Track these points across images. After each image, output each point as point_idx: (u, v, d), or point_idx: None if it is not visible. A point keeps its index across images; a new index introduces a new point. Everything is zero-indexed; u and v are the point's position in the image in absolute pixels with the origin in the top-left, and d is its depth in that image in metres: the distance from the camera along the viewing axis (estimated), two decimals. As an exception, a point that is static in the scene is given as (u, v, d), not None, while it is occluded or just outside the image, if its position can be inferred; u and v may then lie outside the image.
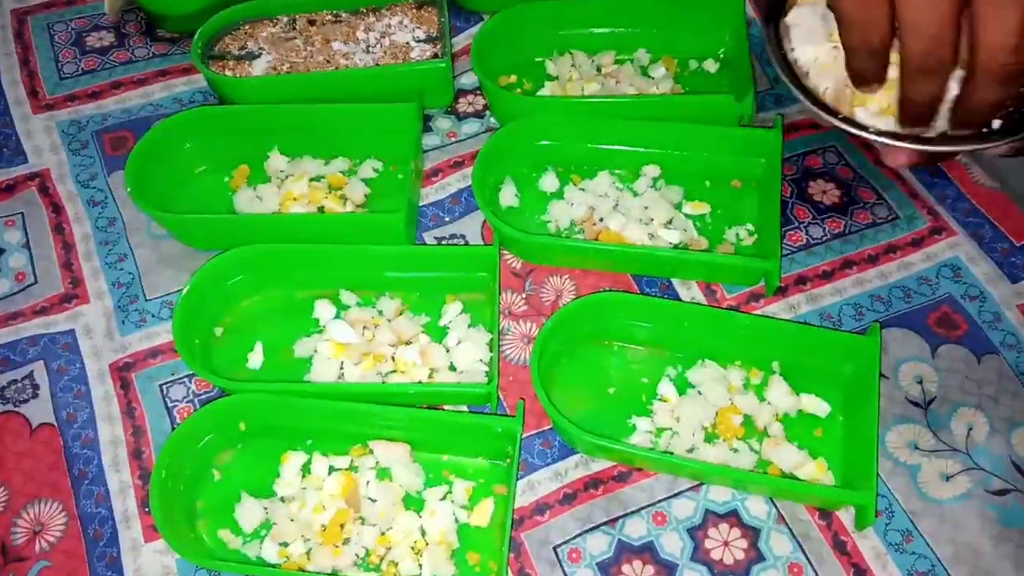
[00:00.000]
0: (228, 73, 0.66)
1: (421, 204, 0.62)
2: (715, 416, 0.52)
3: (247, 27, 0.69)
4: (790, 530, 0.49)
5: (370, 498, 0.50)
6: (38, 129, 0.67)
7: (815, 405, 0.52)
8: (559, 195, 0.61)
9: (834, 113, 0.47)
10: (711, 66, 0.67)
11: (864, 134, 0.46)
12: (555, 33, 0.67)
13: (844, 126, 0.46)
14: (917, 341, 0.55)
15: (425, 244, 0.60)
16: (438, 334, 0.55)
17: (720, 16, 0.66)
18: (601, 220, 0.59)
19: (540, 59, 0.67)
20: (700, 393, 0.53)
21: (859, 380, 0.52)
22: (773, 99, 0.67)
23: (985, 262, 0.59)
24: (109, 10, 0.73)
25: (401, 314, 0.56)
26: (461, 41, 0.70)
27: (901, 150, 0.46)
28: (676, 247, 0.57)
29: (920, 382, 0.54)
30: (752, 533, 0.49)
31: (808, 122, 0.65)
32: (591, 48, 0.67)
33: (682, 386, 0.53)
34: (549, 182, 0.61)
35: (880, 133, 0.46)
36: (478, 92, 0.67)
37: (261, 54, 0.67)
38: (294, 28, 0.69)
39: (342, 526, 0.48)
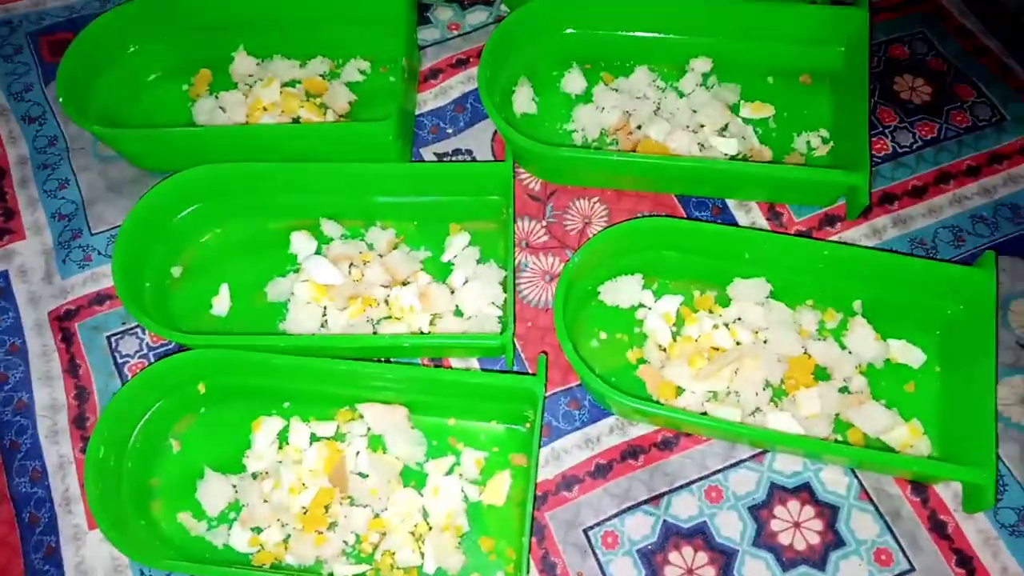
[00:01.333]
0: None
1: (417, 113, 0.51)
2: (784, 369, 0.42)
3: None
4: (876, 508, 0.40)
5: (360, 473, 0.41)
6: (-38, 30, 0.56)
7: (907, 353, 0.43)
8: (587, 98, 0.51)
9: None
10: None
11: None
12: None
13: None
14: (1031, 272, 0.45)
15: (423, 161, 0.50)
16: (441, 272, 0.46)
17: None
18: (639, 128, 0.49)
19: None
20: (765, 341, 0.43)
21: (965, 323, 0.42)
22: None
23: (1114, 172, 0.47)
24: None
25: (396, 248, 0.47)
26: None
27: None
28: (733, 159, 0.47)
29: (1036, 323, 0.44)
30: (829, 512, 0.40)
31: (889, 3, 0.53)
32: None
33: (741, 334, 0.43)
34: (574, 82, 0.50)
35: None
36: (485, -26, 0.56)
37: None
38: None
39: (326, 508, 0.40)
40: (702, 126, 0.48)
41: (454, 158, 0.50)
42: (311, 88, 0.51)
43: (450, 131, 0.51)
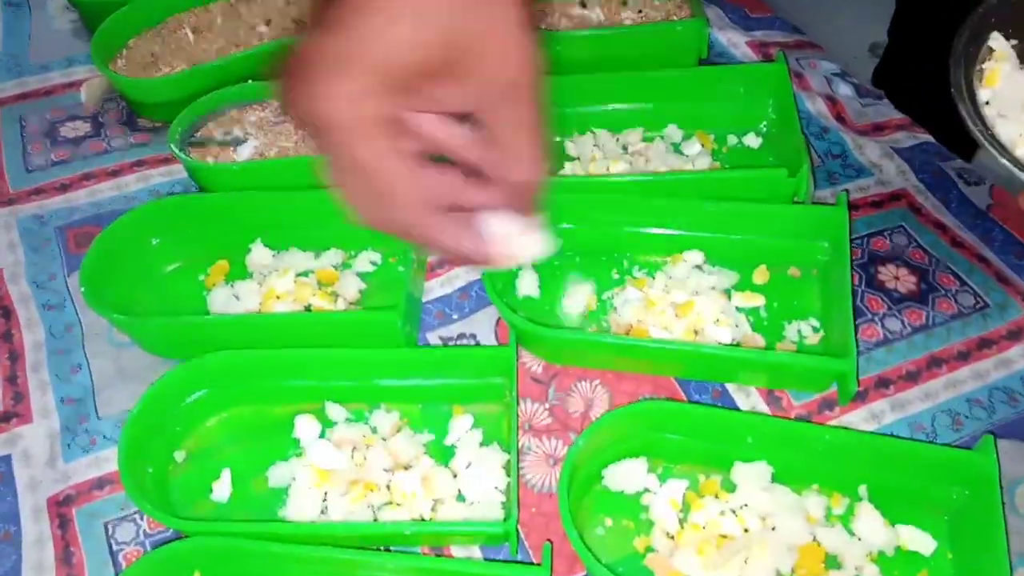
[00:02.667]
0: (210, 160, 0.59)
1: (424, 300, 0.53)
2: (795, 558, 0.41)
3: (233, 112, 0.63)
4: None
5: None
6: (-3, 225, 0.60)
7: (918, 540, 0.42)
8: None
9: None
10: (752, 141, 0.59)
11: None
12: (574, 110, 0.60)
13: None
14: (1034, 456, 0.45)
15: (429, 345, 0.51)
16: (444, 456, 0.46)
17: (760, 85, 0.58)
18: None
19: (559, 138, 0.60)
20: (773, 528, 0.42)
21: (972, 508, 0.41)
22: (825, 176, 0.59)
23: (1100, 355, 0.49)
24: (87, 99, 0.67)
25: (399, 431, 0.47)
26: (470, 121, 0.63)
27: None
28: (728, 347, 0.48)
29: (1046, 509, 0.43)
30: None
31: (869, 200, 0.57)
32: (615, 126, 0.60)
33: (749, 520, 0.42)
34: (577, 298, 0.52)
35: None
36: (490, 175, 0.60)
37: (248, 139, 0.61)
38: (285, 112, 0.62)
39: None
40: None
41: (459, 342, 0.52)
42: (323, 278, 0.54)
43: (455, 316, 0.53)
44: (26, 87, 0.70)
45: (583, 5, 0.67)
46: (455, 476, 0.45)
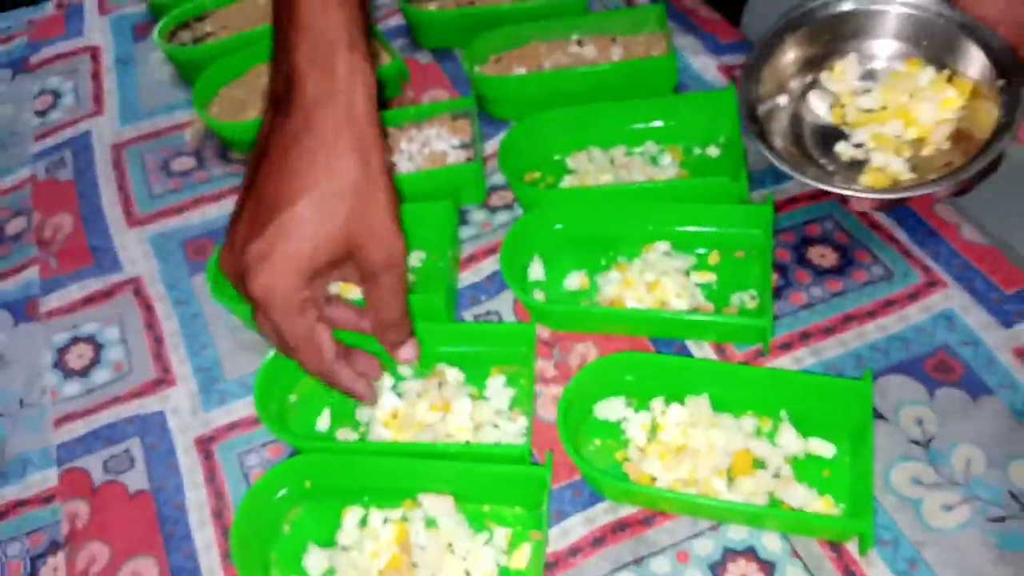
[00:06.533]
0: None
1: (459, 287, 0.70)
2: (730, 461, 0.57)
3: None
4: (803, 563, 0.53)
5: (420, 546, 0.56)
6: (132, 242, 0.78)
7: (821, 447, 0.57)
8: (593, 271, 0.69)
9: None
10: (713, 151, 0.75)
11: (827, 187, 0.61)
12: (572, 134, 0.76)
13: (811, 181, 0.62)
14: (916, 386, 0.60)
15: (464, 322, 0.68)
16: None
17: (718, 107, 0.74)
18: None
19: (559, 156, 0.76)
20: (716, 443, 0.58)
21: (860, 422, 0.57)
22: (773, 177, 0.74)
23: (978, 311, 0.63)
24: (190, 140, 0.85)
25: (445, 385, 0.64)
26: (491, 145, 0.80)
27: (862, 199, 0.62)
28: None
29: (920, 423, 0.58)
30: (768, 567, 0.54)
31: (806, 196, 0.72)
32: (604, 144, 0.76)
33: (698, 437, 0.59)
34: (574, 280, 0.68)
35: (840, 185, 0.62)
36: (507, 188, 0.76)
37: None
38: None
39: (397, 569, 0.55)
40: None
41: (488, 318, 0.68)
42: (383, 272, 0.71)
43: (483, 299, 0.70)
44: (141, 131, 0.88)
45: (580, 44, 0.83)
46: (495, 413, 0.61)
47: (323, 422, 0.62)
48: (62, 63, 0.97)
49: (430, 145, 0.77)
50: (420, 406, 0.61)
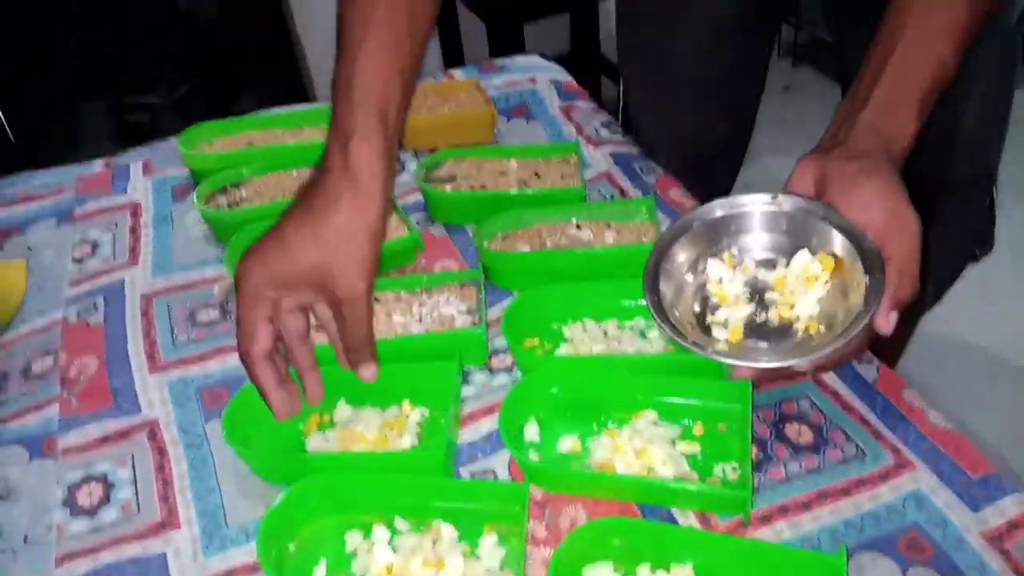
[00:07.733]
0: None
1: (459, 443, 0.74)
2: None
3: (324, 305, 0.86)
4: None
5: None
6: (152, 386, 0.82)
7: (799, 620, 0.60)
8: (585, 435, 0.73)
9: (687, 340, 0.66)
10: (698, 329, 0.81)
11: (705, 354, 0.65)
12: (569, 306, 0.83)
13: (695, 349, 0.65)
14: (890, 564, 0.63)
15: (461, 478, 0.72)
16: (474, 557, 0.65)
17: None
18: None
19: (557, 326, 0.83)
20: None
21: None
22: (753, 356, 0.80)
23: (946, 493, 0.67)
24: (219, 294, 0.92)
25: (439, 541, 0.66)
26: (494, 312, 0.87)
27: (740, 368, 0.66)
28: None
29: (894, 601, 0.61)
30: None
31: (784, 376, 0.78)
32: (598, 316, 0.83)
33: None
34: (567, 443, 0.73)
35: (718, 353, 0.65)
36: (508, 352, 0.82)
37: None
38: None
39: None
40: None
41: (484, 475, 0.72)
42: (388, 424, 0.75)
43: (479, 456, 0.74)
44: (171, 283, 0.94)
45: (578, 227, 0.92)
46: (485, 572, 0.64)
47: (319, 573, 0.65)
48: (104, 216, 1.05)
49: (439, 309, 0.84)
50: (414, 562, 0.64)
